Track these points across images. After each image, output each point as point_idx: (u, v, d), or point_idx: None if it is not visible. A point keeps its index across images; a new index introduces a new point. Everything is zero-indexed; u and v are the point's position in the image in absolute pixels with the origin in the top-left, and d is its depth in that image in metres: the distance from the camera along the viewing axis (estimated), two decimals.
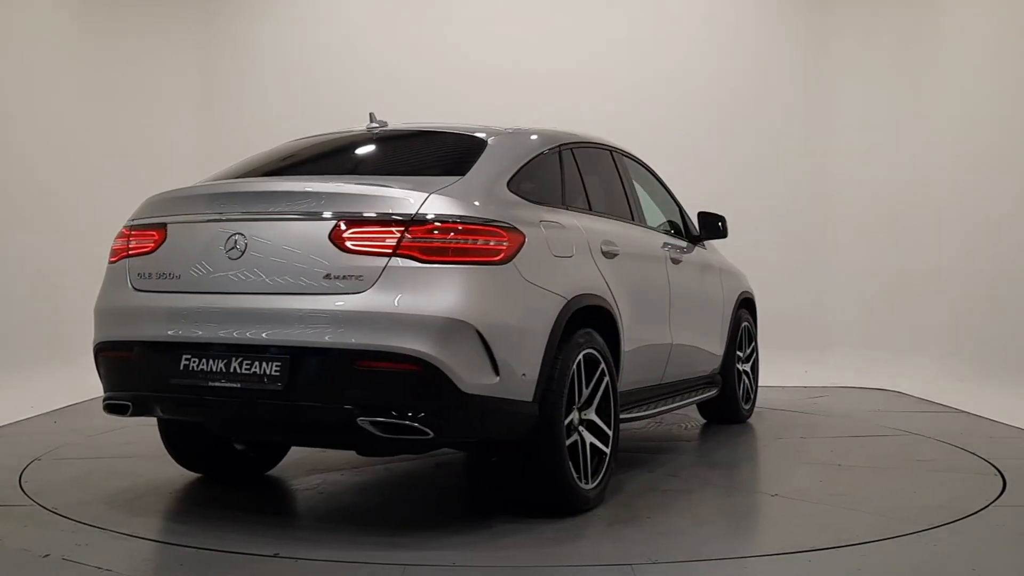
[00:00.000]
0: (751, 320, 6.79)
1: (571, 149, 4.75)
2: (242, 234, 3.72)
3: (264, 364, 3.57)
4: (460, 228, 3.60)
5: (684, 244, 5.76)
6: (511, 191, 4.03)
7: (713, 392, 6.08)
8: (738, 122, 9.38)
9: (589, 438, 4.11)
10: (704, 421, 6.63)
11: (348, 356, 3.48)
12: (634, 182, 5.40)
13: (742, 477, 5.14)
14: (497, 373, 3.59)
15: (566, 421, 3.93)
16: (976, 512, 4.16)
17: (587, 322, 4.15)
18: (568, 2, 9.54)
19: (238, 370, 3.61)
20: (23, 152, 7.79)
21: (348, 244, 3.56)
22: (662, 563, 3.44)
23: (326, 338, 3.49)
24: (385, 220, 3.57)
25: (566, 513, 3.99)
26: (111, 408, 4.03)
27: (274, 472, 5.04)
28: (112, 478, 4.84)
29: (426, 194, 3.63)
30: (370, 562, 3.44)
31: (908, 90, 9.07)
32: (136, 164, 8.76)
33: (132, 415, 3.97)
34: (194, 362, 3.70)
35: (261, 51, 9.51)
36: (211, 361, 3.67)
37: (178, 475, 4.99)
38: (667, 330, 5.18)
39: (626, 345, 4.53)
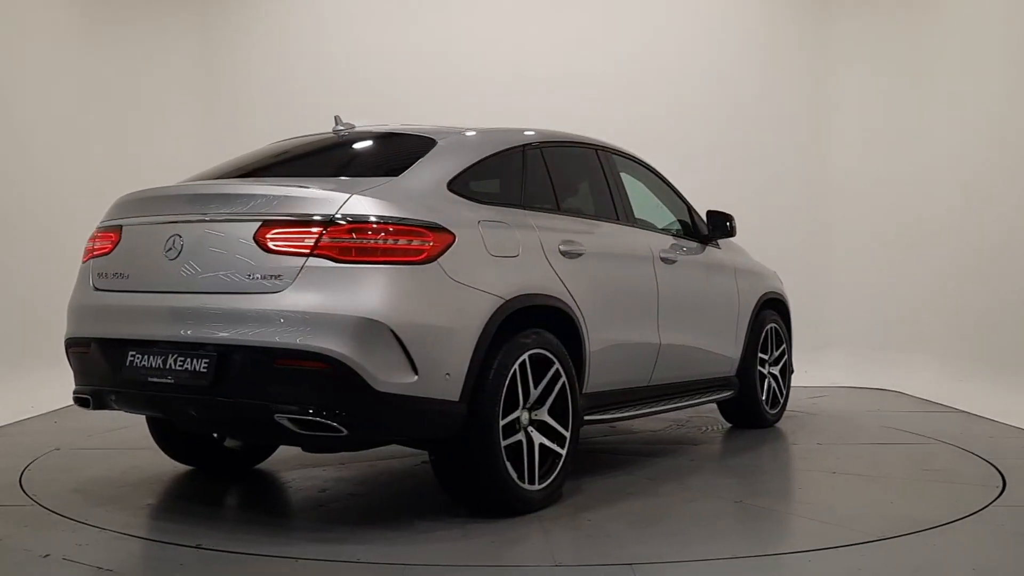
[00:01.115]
0: (781, 322, 6.58)
1: (539, 149, 4.74)
2: (180, 235, 3.86)
3: (194, 361, 3.70)
4: (378, 228, 3.65)
5: (692, 244, 5.67)
6: (452, 191, 4.07)
7: (727, 394, 5.96)
8: (738, 122, 9.38)
9: (539, 439, 4.10)
10: (729, 425, 6.46)
11: (266, 354, 3.57)
12: (622, 181, 5.30)
13: (720, 482, 4.95)
14: (416, 372, 3.62)
15: (504, 421, 3.92)
16: (976, 512, 4.16)
17: (537, 322, 4.16)
18: (569, 4, 9.53)
19: (173, 366, 3.76)
20: (23, 152, 7.79)
21: (270, 244, 3.65)
22: (662, 563, 3.44)
23: (247, 336, 3.59)
24: (305, 221, 3.65)
25: (507, 514, 3.98)
26: (77, 401, 4.24)
27: (273, 470, 5.04)
28: (112, 478, 4.84)
29: (347, 195, 3.69)
30: (370, 562, 3.44)
31: (910, 90, 9.07)
32: (136, 164, 8.75)
33: (93, 408, 4.15)
34: (138, 358, 3.87)
35: (261, 51, 9.51)
36: (152, 358, 3.83)
37: (178, 475, 4.99)
38: (654, 331, 5.09)
39: (593, 345, 4.49)
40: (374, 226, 3.65)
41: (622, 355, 4.83)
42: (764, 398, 6.33)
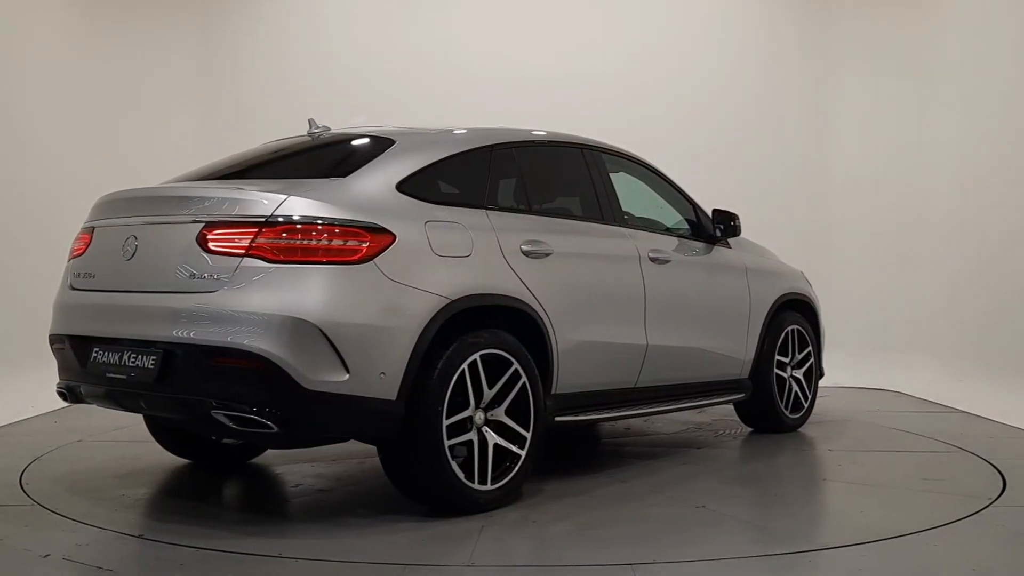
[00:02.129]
0: (806, 324, 6.35)
1: (511, 148, 4.75)
2: (135, 236, 4.03)
3: (144, 357, 3.87)
4: (311, 229, 3.71)
5: (696, 245, 5.60)
6: (401, 192, 4.10)
7: (738, 397, 5.86)
8: (739, 123, 9.37)
9: (494, 439, 4.12)
10: (749, 429, 6.26)
11: (204, 352, 3.70)
12: (611, 181, 5.23)
13: (691, 486, 4.75)
14: (347, 371, 3.67)
15: (451, 420, 3.94)
16: (976, 512, 4.16)
17: (495, 322, 4.18)
18: (570, 4, 9.52)
19: (127, 362, 3.94)
20: (22, 152, 7.79)
21: (210, 245, 3.76)
22: (662, 563, 3.44)
23: (188, 335, 3.72)
24: (243, 222, 3.74)
25: (455, 513, 4.00)
26: (58, 394, 4.40)
27: (274, 466, 5.04)
28: (112, 478, 4.84)
29: (284, 196, 3.76)
30: (370, 561, 3.44)
31: (910, 91, 9.07)
32: (136, 165, 8.74)
33: (71, 402, 4.34)
34: (100, 355, 4.06)
35: (261, 51, 9.50)
36: (111, 354, 4.01)
37: (178, 476, 4.99)
38: (640, 332, 5.01)
39: (562, 346, 4.48)
40: (308, 227, 3.72)
41: (600, 356, 4.77)
42: (785, 402, 6.14)
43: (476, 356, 4.04)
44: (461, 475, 3.97)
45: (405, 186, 4.12)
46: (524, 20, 9.44)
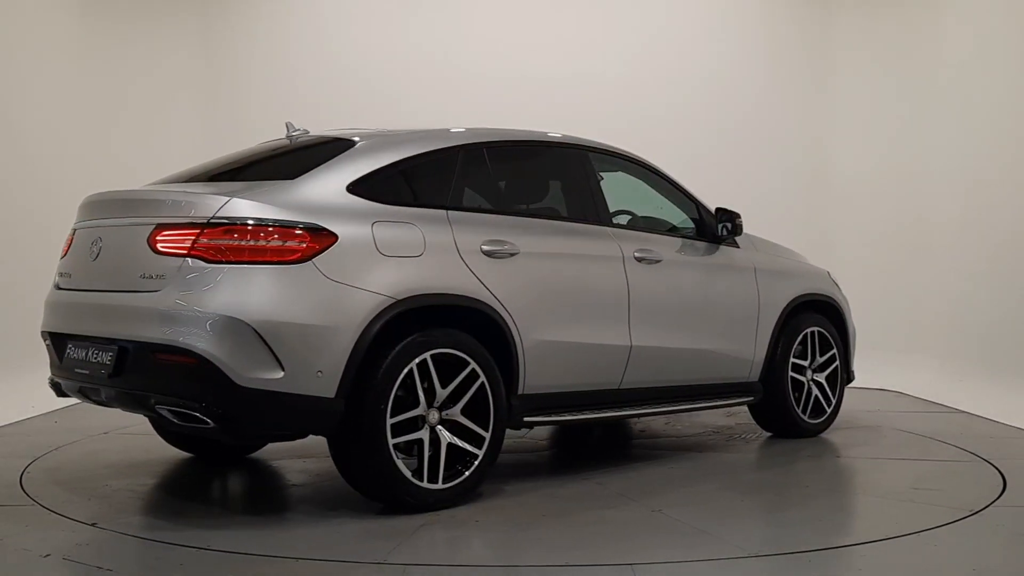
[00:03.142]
0: (829, 326, 6.17)
1: (483, 149, 4.75)
2: (101, 238, 4.23)
3: (103, 354, 4.05)
4: (250, 229, 3.82)
5: (699, 244, 5.50)
6: (352, 193, 4.15)
7: (746, 400, 5.72)
8: (739, 122, 9.37)
9: (448, 438, 4.15)
10: (769, 434, 6.06)
11: (148, 349, 3.86)
12: (598, 181, 5.17)
13: (664, 491, 4.65)
14: (282, 369, 3.76)
15: (396, 419, 3.99)
16: (976, 512, 4.16)
17: (451, 321, 4.22)
18: (571, 4, 9.52)
19: (90, 358, 4.12)
20: (22, 152, 7.79)
21: (158, 246, 3.92)
22: (662, 563, 3.44)
23: (136, 332, 3.91)
24: (186, 223, 3.88)
25: (404, 510, 4.05)
26: (50, 387, 4.58)
27: (272, 460, 5.04)
28: (112, 478, 4.84)
29: (227, 198, 3.88)
30: (370, 561, 3.44)
31: (911, 91, 9.06)
32: (136, 165, 8.74)
33: (59, 396, 4.51)
34: (72, 351, 4.27)
35: (262, 51, 9.49)
36: (80, 350, 4.21)
37: (178, 475, 5.00)
38: (624, 332, 4.94)
39: (529, 346, 4.47)
40: (246, 228, 3.82)
41: (573, 356, 4.72)
42: (803, 406, 5.94)
43: (426, 355, 4.08)
44: (407, 473, 4.02)
45: (357, 187, 4.18)
46: (524, 20, 9.43)
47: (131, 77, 9.14)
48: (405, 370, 4.01)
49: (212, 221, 3.82)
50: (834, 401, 6.19)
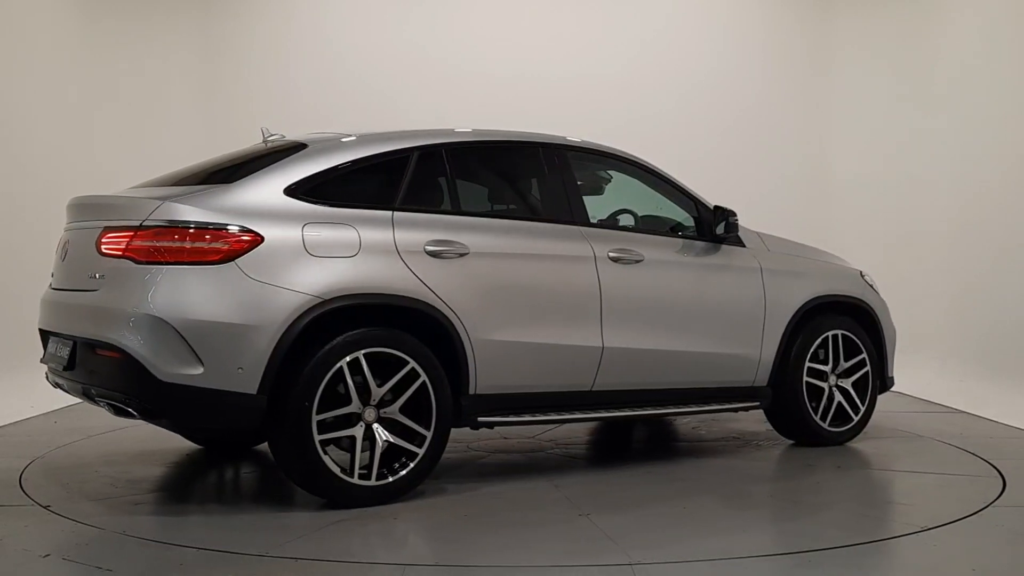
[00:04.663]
0: (858, 329, 5.87)
1: (442, 150, 4.77)
2: (69, 241, 4.52)
3: (64, 349, 4.37)
4: (175, 232, 4.02)
5: (698, 244, 5.36)
6: (289, 195, 4.26)
7: (751, 405, 5.49)
8: (739, 122, 9.38)
9: (385, 436, 4.22)
10: (791, 442, 5.79)
11: (88, 345, 4.17)
12: (574, 180, 5.08)
13: (613, 495, 4.58)
14: (202, 365, 3.93)
15: (323, 416, 4.09)
16: (976, 512, 4.16)
17: (391, 320, 4.29)
18: (570, 5, 9.52)
19: (57, 352, 4.45)
20: (23, 152, 7.79)
21: (102, 248, 4.16)
22: (662, 563, 3.44)
23: (81, 329, 4.22)
24: (124, 227, 4.11)
25: (334, 505, 4.13)
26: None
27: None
28: (112, 478, 4.84)
29: (159, 202, 4.10)
30: (370, 562, 3.44)
31: (909, 90, 9.07)
32: (136, 165, 8.74)
33: (52, 385, 4.71)
34: (51, 345, 4.59)
35: (261, 51, 9.49)
36: (52, 345, 4.55)
37: (178, 475, 5.00)
38: (595, 333, 4.86)
39: (479, 346, 4.47)
40: (172, 230, 4.02)
41: (535, 358, 4.68)
42: (823, 413, 5.64)
43: (359, 354, 4.16)
44: (336, 469, 4.12)
45: (295, 190, 4.29)
46: (523, 21, 9.43)
47: (131, 78, 9.14)
48: (334, 368, 4.11)
49: (144, 224, 4.04)
50: (862, 409, 5.82)
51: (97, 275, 4.15)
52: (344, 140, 4.68)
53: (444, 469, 4.88)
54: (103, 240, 4.15)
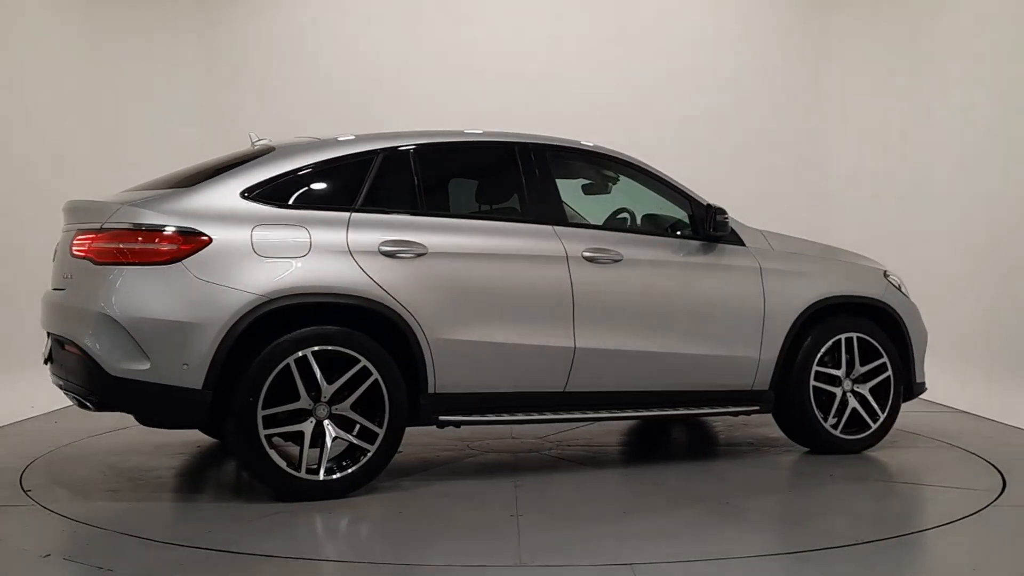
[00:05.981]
0: (878, 332, 5.57)
1: (408, 152, 4.81)
2: (59, 242, 4.72)
3: (48, 344, 4.67)
4: (128, 234, 4.22)
5: (691, 244, 5.24)
6: (246, 198, 4.42)
7: (750, 409, 5.35)
8: (738, 122, 9.36)
9: (335, 432, 4.34)
10: (806, 449, 5.56)
11: (57, 340, 4.50)
12: (552, 180, 5.03)
13: (570, 497, 4.56)
14: (149, 360, 4.13)
15: (270, 411, 4.22)
16: (976, 512, 4.16)
17: (344, 319, 4.38)
18: (571, 11, 9.51)
19: (47, 348, 4.71)
20: (23, 152, 7.79)
21: (73, 250, 4.40)
22: (662, 563, 3.44)
23: (54, 326, 4.57)
24: (88, 229, 4.35)
25: (284, 499, 4.26)
26: None
27: None
28: (112, 478, 4.85)
29: (118, 206, 4.32)
30: (369, 562, 3.44)
31: (909, 89, 9.06)
32: (137, 168, 8.73)
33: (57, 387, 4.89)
34: (48, 343, 4.76)
35: (262, 51, 9.49)
36: (48, 340, 4.73)
37: (178, 475, 5.00)
38: (567, 334, 4.79)
39: (436, 346, 4.51)
40: (126, 232, 4.23)
41: (498, 357, 4.67)
42: (834, 419, 5.41)
43: (307, 352, 4.27)
44: (282, 463, 4.26)
45: (251, 193, 4.45)
46: (523, 26, 9.40)
47: (133, 79, 9.13)
48: (280, 365, 4.23)
49: (104, 227, 4.26)
50: (882, 416, 5.55)
51: (70, 275, 4.43)
52: (307, 143, 4.79)
53: (425, 466, 4.95)
54: (74, 242, 4.39)
